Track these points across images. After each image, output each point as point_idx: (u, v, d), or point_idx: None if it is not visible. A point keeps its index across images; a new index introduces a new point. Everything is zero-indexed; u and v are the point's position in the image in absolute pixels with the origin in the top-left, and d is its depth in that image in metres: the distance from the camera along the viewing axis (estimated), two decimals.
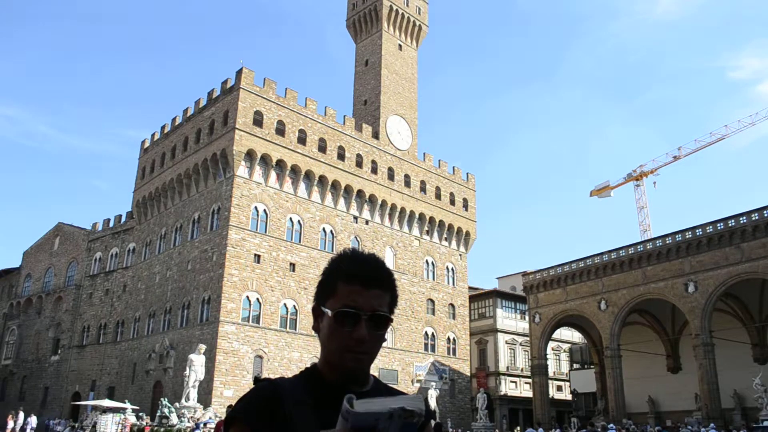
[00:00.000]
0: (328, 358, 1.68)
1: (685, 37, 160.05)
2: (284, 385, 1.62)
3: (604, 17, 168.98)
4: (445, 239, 57.65)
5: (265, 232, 44.05)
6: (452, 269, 57.70)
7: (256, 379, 1.68)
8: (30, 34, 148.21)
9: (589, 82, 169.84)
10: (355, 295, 1.64)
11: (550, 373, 55.31)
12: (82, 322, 54.80)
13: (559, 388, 61.37)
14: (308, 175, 47.13)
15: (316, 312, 1.73)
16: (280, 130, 45.79)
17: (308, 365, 1.76)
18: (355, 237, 50.05)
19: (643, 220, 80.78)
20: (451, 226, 57.88)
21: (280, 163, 45.43)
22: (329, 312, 1.65)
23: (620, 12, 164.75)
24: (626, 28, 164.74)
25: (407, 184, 54.79)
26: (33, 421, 38.33)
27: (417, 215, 54.96)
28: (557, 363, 63.07)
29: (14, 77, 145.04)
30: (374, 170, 52.05)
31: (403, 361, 50.39)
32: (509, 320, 61.91)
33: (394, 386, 1.79)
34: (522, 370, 59.63)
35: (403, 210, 53.68)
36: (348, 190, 49.76)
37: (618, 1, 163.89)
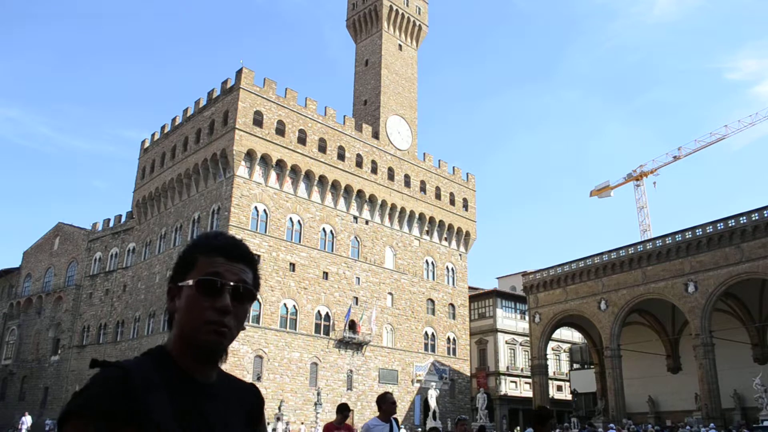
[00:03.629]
0: (184, 333, 1.50)
1: (682, 38, 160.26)
2: (132, 368, 1.39)
3: (602, 18, 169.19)
4: (445, 239, 57.65)
5: (265, 232, 44.05)
6: (452, 269, 57.69)
7: (95, 363, 1.39)
8: (30, 34, 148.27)
9: (589, 82, 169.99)
10: (218, 266, 1.53)
11: (550, 373, 55.31)
12: (82, 322, 54.80)
13: (559, 388, 61.37)
14: (308, 175, 47.14)
15: (172, 292, 1.56)
16: (280, 130, 45.80)
17: (152, 347, 1.56)
18: (355, 237, 50.06)
19: (643, 220, 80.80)
20: (451, 226, 57.88)
21: (280, 163, 45.43)
22: (190, 282, 1.51)
23: (618, 13, 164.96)
24: (624, 29, 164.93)
25: (407, 184, 54.79)
26: (27, 420, 38.28)
27: (417, 215, 54.97)
28: (557, 363, 63.07)
29: (14, 77, 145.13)
30: (374, 170, 52.05)
31: (403, 361, 50.38)
32: (509, 320, 61.90)
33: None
34: (522, 370, 59.63)
35: (403, 210, 53.69)
36: (348, 190, 49.76)
37: (616, 2, 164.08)
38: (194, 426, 1.42)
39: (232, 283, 1.52)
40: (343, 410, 8.62)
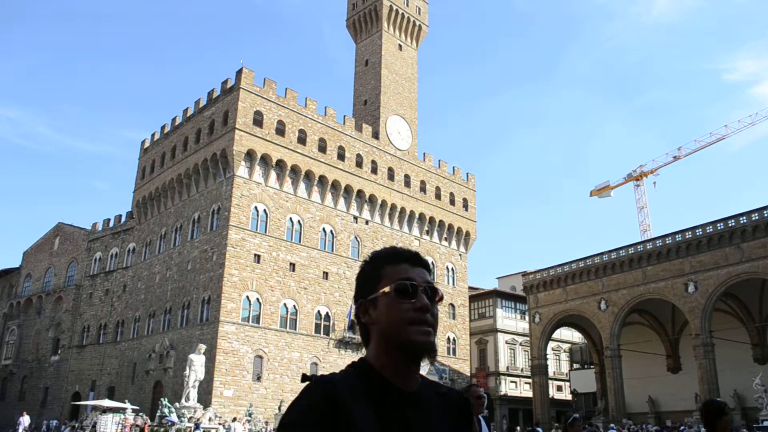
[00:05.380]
0: (390, 338, 1.56)
1: (681, 39, 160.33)
2: (339, 383, 1.48)
3: (602, 18, 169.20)
4: (445, 239, 57.65)
5: (265, 232, 44.04)
6: (452, 269, 57.70)
7: (305, 377, 1.53)
8: (30, 34, 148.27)
9: (588, 82, 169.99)
10: (407, 271, 1.62)
11: (550, 373, 55.30)
12: (82, 322, 54.79)
13: (559, 388, 61.37)
14: (308, 175, 47.13)
15: (364, 306, 1.63)
16: (280, 130, 45.79)
17: (355, 360, 1.63)
18: (355, 237, 50.05)
19: (643, 220, 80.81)
20: (451, 226, 57.88)
21: (280, 163, 45.43)
22: (386, 289, 1.58)
23: (617, 14, 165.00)
24: (623, 29, 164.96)
25: (407, 184, 54.78)
26: (25, 420, 38.28)
27: (417, 215, 54.97)
28: (557, 363, 63.06)
29: (14, 78, 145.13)
30: (374, 170, 52.04)
31: None
32: (509, 320, 61.90)
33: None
34: (522, 370, 59.62)
35: (403, 210, 53.69)
36: (348, 190, 49.76)
37: (614, 2, 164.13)
38: None
39: (423, 285, 1.60)
40: None
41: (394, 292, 1.57)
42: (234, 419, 33.48)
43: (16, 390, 58.38)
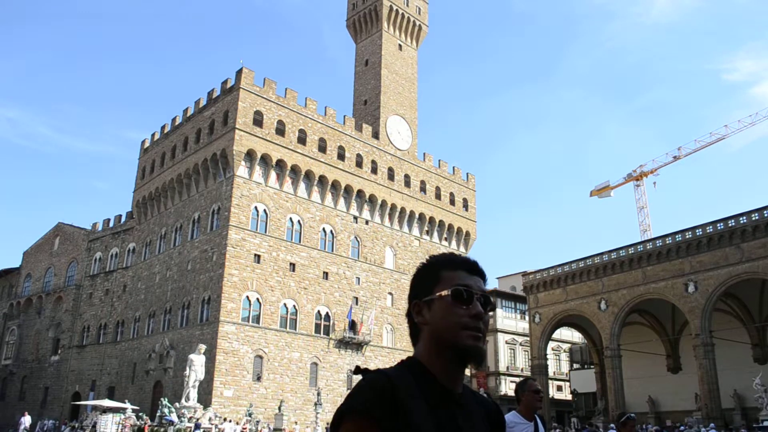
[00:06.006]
0: (442, 340, 1.62)
1: (681, 39, 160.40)
2: (395, 376, 1.54)
3: (602, 19, 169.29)
4: (445, 239, 57.64)
5: (265, 232, 44.04)
6: None
7: (360, 370, 1.58)
8: (30, 34, 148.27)
9: (588, 82, 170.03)
10: (463, 279, 1.67)
11: (550, 373, 55.28)
12: (82, 322, 54.78)
13: (559, 388, 61.37)
14: (308, 175, 47.13)
15: (418, 307, 1.69)
16: (280, 130, 45.79)
17: (403, 358, 1.69)
18: (355, 237, 50.05)
19: (643, 220, 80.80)
20: (451, 226, 57.87)
21: (280, 163, 45.43)
22: (444, 291, 1.64)
23: (616, 14, 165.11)
24: (623, 29, 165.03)
25: (407, 184, 54.78)
26: (27, 420, 38.28)
27: (417, 215, 54.96)
28: (557, 363, 63.07)
29: (14, 78, 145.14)
30: (374, 170, 52.05)
31: None
32: (509, 320, 61.91)
33: None
34: (522, 370, 59.60)
35: (403, 210, 53.68)
36: (348, 190, 49.76)
37: (614, 2, 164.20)
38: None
39: (478, 293, 1.66)
40: None
41: (451, 297, 1.63)
42: (225, 419, 33.33)
43: (16, 390, 58.39)
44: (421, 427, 1.46)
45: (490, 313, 1.70)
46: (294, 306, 44.33)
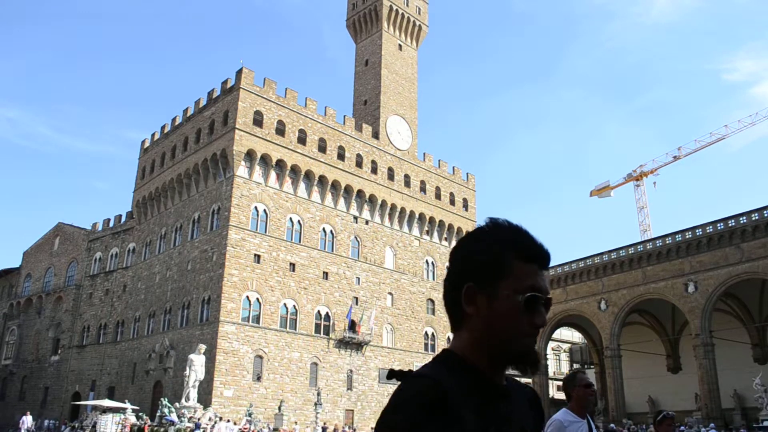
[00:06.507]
0: (496, 341, 1.43)
1: (680, 39, 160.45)
2: (440, 378, 1.35)
3: (601, 19, 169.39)
4: (445, 239, 57.63)
5: (265, 232, 44.03)
6: None
7: (395, 374, 1.39)
8: (30, 34, 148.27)
9: (588, 82, 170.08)
10: (536, 278, 1.44)
11: (550, 373, 55.34)
12: (82, 322, 54.77)
13: (559, 388, 61.33)
14: (308, 175, 47.12)
15: (471, 294, 1.44)
16: (280, 130, 45.78)
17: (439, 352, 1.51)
18: (355, 237, 50.05)
19: (643, 220, 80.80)
20: (451, 226, 57.85)
21: (280, 163, 45.41)
22: (517, 297, 1.41)
23: (616, 14, 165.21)
24: (623, 29, 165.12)
25: (407, 184, 54.77)
26: (28, 420, 38.27)
27: (417, 215, 54.94)
28: (557, 363, 63.07)
29: (14, 77, 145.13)
30: (374, 170, 52.03)
31: (404, 361, 50.33)
32: None
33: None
34: None
35: (403, 210, 53.67)
36: (348, 190, 49.74)
37: (614, 2, 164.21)
38: (500, 429, 1.40)
39: (545, 298, 1.46)
40: None
41: (523, 305, 1.41)
42: (220, 418, 33.33)
43: (16, 390, 58.37)
44: None
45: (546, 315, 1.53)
46: (294, 306, 44.31)
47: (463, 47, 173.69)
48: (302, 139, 47.03)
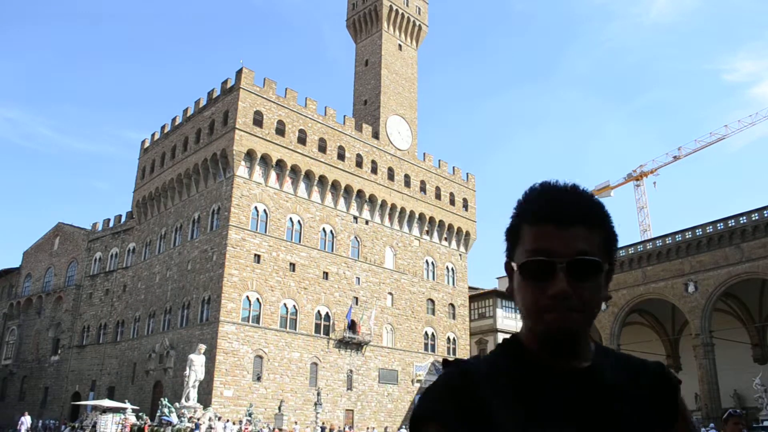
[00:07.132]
0: (526, 321, 1.27)
1: (680, 39, 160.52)
2: (477, 367, 1.25)
3: (601, 19, 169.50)
4: (445, 239, 57.63)
5: (265, 232, 44.03)
6: (452, 269, 57.68)
7: (447, 363, 1.29)
8: (30, 34, 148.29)
9: (588, 82, 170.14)
10: (546, 239, 1.21)
11: None
12: (82, 322, 54.77)
13: None
14: (308, 175, 47.12)
15: (509, 270, 1.30)
16: (280, 130, 45.78)
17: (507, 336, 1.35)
18: (355, 237, 50.06)
19: (643, 220, 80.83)
20: (450, 226, 57.86)
21: (280, 163, 45.42)
22: (514, 264, 1.26)
23: (616, 14, 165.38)
24: (623, 29, 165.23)
25: (407, 184, 54.77)
26: (27, 420, 38.24)
27: (417, 215, 54.95)
28: None
29: (14, 77, 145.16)
30: (374, 170, 52.04)
31: (403, 361, 50.37)
32: (509, 320, 61.88)
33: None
34: None
35: (403, 210, 53.67)
36: (348, 190, 49.75)
37: (614, 3, 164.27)
38: (553, 420, 1.18)
39: (565, 260, 1.19)
40: None
41: (520, 273, 1.24)
42: (219, 418, 33.33)
43: (16, 390, 58.37)
44: (503, 422, 1.16)
45: (591, 282, 1.21)
46: (294, 306, 44.32)
47: (463, 47, 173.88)
48: (302, 139, 47.03)
